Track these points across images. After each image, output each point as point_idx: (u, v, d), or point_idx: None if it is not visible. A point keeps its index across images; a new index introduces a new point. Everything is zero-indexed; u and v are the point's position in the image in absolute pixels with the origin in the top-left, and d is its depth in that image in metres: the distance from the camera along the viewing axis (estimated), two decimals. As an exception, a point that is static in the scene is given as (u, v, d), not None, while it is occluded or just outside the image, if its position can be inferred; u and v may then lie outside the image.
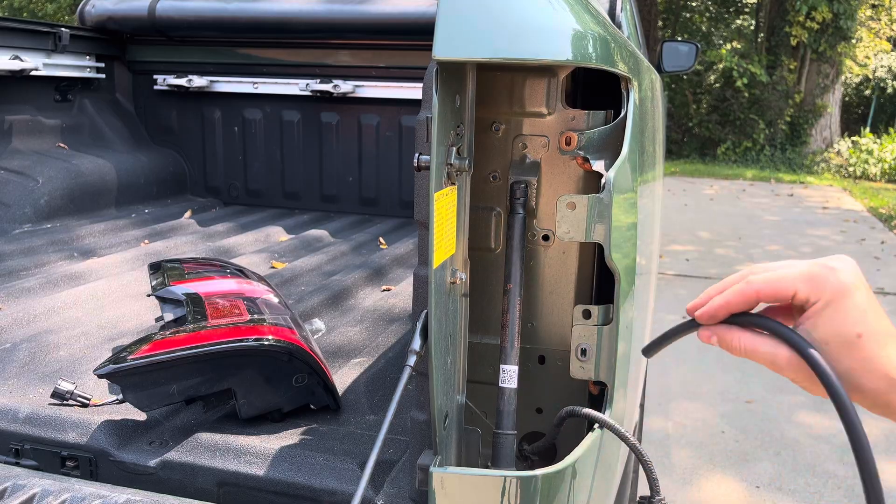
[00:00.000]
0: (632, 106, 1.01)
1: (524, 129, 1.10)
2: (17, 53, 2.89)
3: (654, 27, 12.66)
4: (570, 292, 1.13)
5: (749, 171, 12.63)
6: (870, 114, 16.10)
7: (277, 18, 3.17)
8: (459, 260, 1.04)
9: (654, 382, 3.87)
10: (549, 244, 1.13)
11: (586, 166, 1.05)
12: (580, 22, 0.91)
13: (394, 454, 1.30)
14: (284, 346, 1.37)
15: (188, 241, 2.75)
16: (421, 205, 1.06)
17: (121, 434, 1.35)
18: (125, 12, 3.31)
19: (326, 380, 1.44)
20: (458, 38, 0.85)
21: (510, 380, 1.04)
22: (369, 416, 1.48)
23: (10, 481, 1.14)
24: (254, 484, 1.26)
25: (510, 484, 0.93)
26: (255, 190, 3.59)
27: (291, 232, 3.09)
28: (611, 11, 2.01)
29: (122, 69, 3.55)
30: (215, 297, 1.62)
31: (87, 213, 3.02)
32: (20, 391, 1.50)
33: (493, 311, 1.14)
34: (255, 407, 1.40)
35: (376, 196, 3.46)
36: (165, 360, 1.31)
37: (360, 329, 1.98)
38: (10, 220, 2.74)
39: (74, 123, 3.29)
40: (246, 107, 3.51)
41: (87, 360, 1.66)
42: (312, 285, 2.33)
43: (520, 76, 1.08)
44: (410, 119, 3.33)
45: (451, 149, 0.95)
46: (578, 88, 1.18)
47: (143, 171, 3.36)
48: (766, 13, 14.74)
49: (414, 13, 2.99)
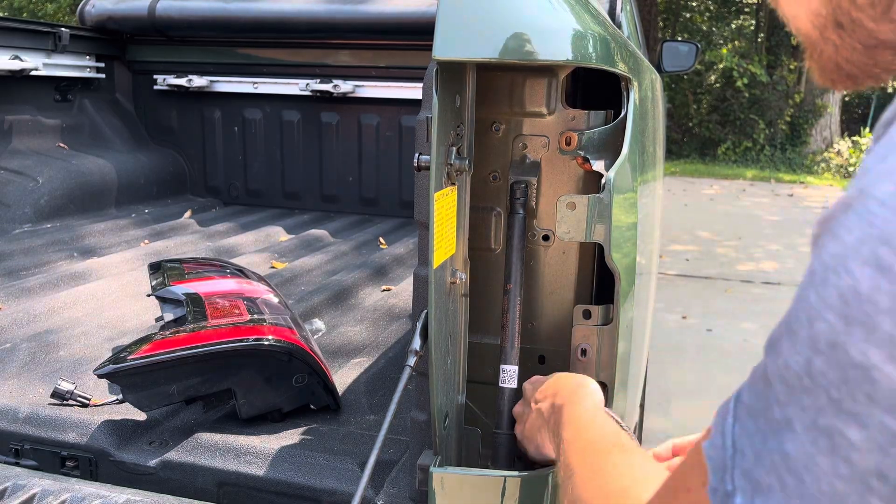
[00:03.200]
0: (632, 106, 1.01)
1: (524, 129, 1.10)
2: (17, 53, 2.89)
3: (654, 27, 12.66)
4: (570, 292, 1.13)
5: (749, 171, 12.63)
6: (870, 114, 16.10)
7: (277, 18, 3.17)
8: (459, 260, 1.04)
9: (654, 382, 3.87)
10: (549, 244, 1.13)
11: (586, 166, 1.05)
12: (580, 22, 0.91)
13: (394, 454, 1.30)
14: (284, 346, 1.37)
15: (188, 241, 2.75)
16: (421, 205, 1.06)
17: (121, 434, 1.35)
18: (125, 12, 3.31)
19: (326, 380, 1.44)
20: (458, 38, 0.85)
21: (510, 380, 1.04)
22: (369, 416, 1.48)
23: (10, 481, 1.14)
24: (254, 484, 1.26)
25: (510, 484, 0.93)
26: (255, 190, 3.59)
27: (291, 232, 3.09)
28: (611, 11, 2.01)
29: (122, 69, 3.55)
30: (215, 297, 1.62)
31: (87, 213, 3.02)
32: (20, 391, 1.50)
33: (493, 311, 1.14)
34: (255, 407, 1.40)
35: (376, 196, 3.46)
36: (165, 360, 1.30)
37: (360, 329, 1.98)
38: (10, 220, 2.74)
39: (74, 123, 3.29)
40: (246, 107, 3.51)
41: (87, 360, 1.66)
42: (312, 285, 2.33)
43: (520, 76, 1.08)
44: (410, 119, 3.33)
45: (451, 149, 0.95)
46: (578, 88, 1.18)
47: (143, 171, 3.36)
48: (767, 13, 14.74)
49: (414, 13, 2.99)
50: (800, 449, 0.37)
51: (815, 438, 0.36)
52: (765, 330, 4.56)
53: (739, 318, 4.79)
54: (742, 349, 4.25)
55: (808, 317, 0.37)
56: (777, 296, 5.32)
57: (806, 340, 0.37)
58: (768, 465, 0.38)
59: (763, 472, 0.39)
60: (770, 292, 5.41)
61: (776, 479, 0.38)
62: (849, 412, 0.34)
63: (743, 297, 5.29)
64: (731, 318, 4.78)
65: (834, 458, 0.35)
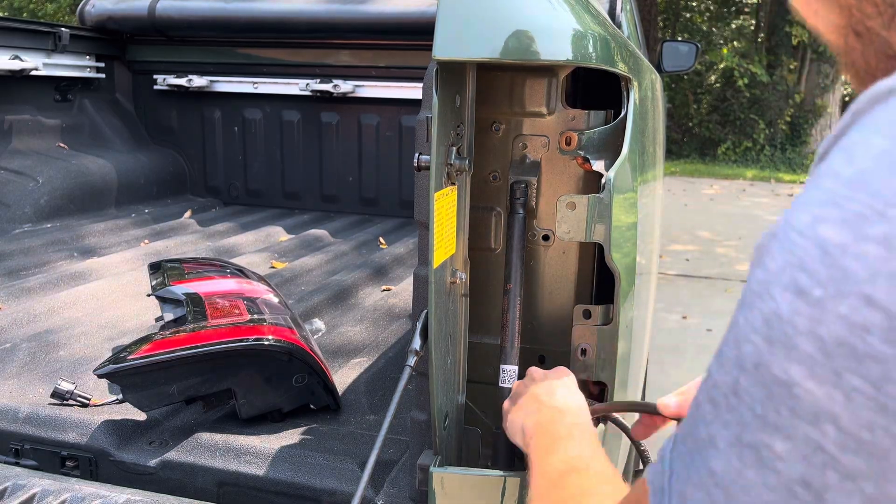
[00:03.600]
0: (632, 106, 1.01)
1: (524, 129, 1.10)
2: (17, 53, 2.89)
3: (654, 27, 12.64)
4: (570, 292, 1.13)
5: (749, 171, 12.62)
6: (870, 114, 16.07)
7: (277, 18, 3.17)
8: (459, 260, 1.04)
9: (654, 382, 3.87)
10: (549, 244, 1.13)
11: (586, 166, 1.05)
12: (580, 22, 0.91)
13: (394, 454, 1.30)
14: (284, 346, 1.37)
15: (188, 241, 2.75)
16: (421, 205, 1.06)
17: (121, 434, 1.35)
18: (125, 12, 3.31)
19: (326, 380, 1.44)
20: (458, 38, 0.85)
21: (510, 380, 1.04)
22: (369, 416, 1.48)
23: (10, 481, 1.14)
24: (254, 484, 1.26)
25: (510, 484, 0.93)
26: (255, 190, 3.59)
27: (291, 232, 3.09)
28: (611, 11, 2.01)
29: (122, 69, 3.55)
30: (215, 296, 1.62)
31: (87, 213, 3.02)
32: (20, 391, 1.50)
33: (493, 311, 1.14)
34: (255, 407, 1.40)
35: (376, 196, 3.46)
36: (165, 360, 1.30)
37: (360, 329, 1.98)
38: (10, 220, 2.74)
39: (74, 123, 3.29)
40: (246, 107, 3.51)
41: (87, 360, 1.66)
42: (312, 285, 2.33)
43: (520, 76, 1.08)
44: (410, 119, 3.33)
45: (451, 149, 0.95)
46: (578, 88, 1.18)
47: (143, 171, 3.36)
48: (767, 13, 14.74)
49: (414, 13, 2.99)
50: (725, 464, 0.39)
51: (741, 453, 0.38)
52: (765, 330, 4.56)
53: (739, 318, 4.78)
54: (742, 349, 4.24)
55: (735, 339, 0.40)
56: (777, 296, 5.31)
57: (733, 361, 0.39)
58: (696, 482, 0.40)
59: (692, 489, 0.41)
60: (770, 292, 5.40)
61: (705, 493, 0.40)
62: (774, 426, 0.36)
63: (743, 297, 5.28)
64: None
65: (761, 469, 0.37)
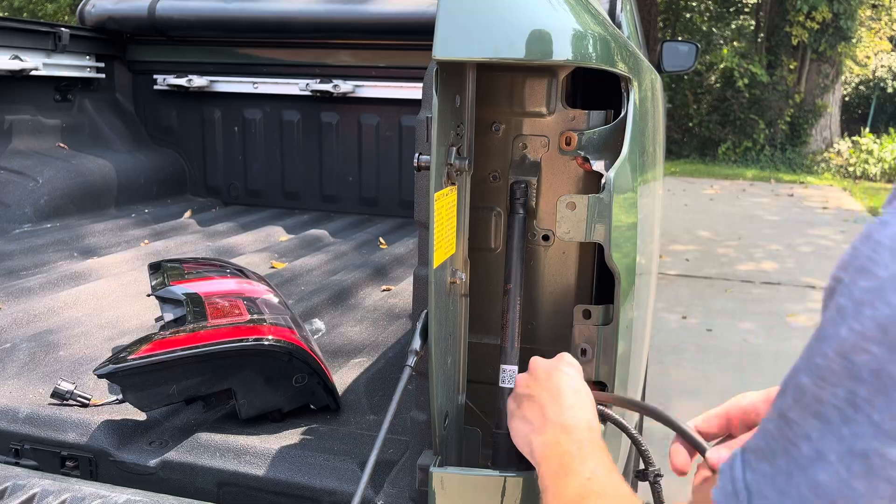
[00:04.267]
0: (632, 106, 1.01)
1: (524, 129, 1.10)
2: (17, 53, 2.89)
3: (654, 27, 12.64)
4: (570, 292, 1.13)
5: (749, 171, 12.62)
6: (870, 114, 16.09)
7: (277, 18, 3.17)
8: (459, 260, 1.04)
9: (654, 382, 3.87)
10: (549, 244, 1.13)
11: (586, 166, 1.05)
12: (580, 22, 0.91)
13: (394, 454, 1.30)
14: (284, 346, 1.37)
15: (188, 241, 2.75)
16: (421, 205, 1.06)
17: (121, 434, 1.35)
18: (125, 12, 3.31)
19: (326, 380, 1.44)
20: (458, 38, 0.85)
21: (510, 380, 1.04)
22: (369, 416, 1.48)
23: (10, 481, 1.14)
24: (254, 484, 1.26)
25: (510, 484, 0.93)
26: (255, 190, 3.59)
27: (291, 232, 3.09)
28: (611, 11, 2.01)
29: (122, 69, 3.55)
30: (215, 297, 1.62)
31: (87, 213, 3.02)
32: (20, 391, 1.50)
33: (493, 311, 1.14)
34: (255, 407, 1.40)
35: (376, 196, 3.46)
36: (165, 360, 1.30)
37: (360, 329, 1.98)
38: (10, 220, 2.74)
39: (74, 123, 3.29)
40: (246, 107, 3.51)
41: (87, 360, 1.66)
42: (312, 285, 2.33)
43: (520, 76, 1.08)
44: (410, 119, 3.33)
45: (451, 149, 0.95)
46: (578, 88, 1.18)
47: (143, 171, 3.36)
48: (767, 13, 14.74)
49: (414, 13, 2.99)
50: (833, 475, 0.38)
51: (850, 463, 0.38)
52: (764, 330, 4.58)
53: (739, 318, 4.79)
54: (742, 349, 4.25)
55: (840, 351, 0.39)
56: (777, 296, 5.32)
57: (843, 373, 0.39)
58: (795, 498, 0.40)
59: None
60: (770, 292, 5.41)
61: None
62: (889, 433, 0.36)
63: (743, 297, 5.29)
64: (731, 318, 4.79)
65: (870, 478, 0.37)
